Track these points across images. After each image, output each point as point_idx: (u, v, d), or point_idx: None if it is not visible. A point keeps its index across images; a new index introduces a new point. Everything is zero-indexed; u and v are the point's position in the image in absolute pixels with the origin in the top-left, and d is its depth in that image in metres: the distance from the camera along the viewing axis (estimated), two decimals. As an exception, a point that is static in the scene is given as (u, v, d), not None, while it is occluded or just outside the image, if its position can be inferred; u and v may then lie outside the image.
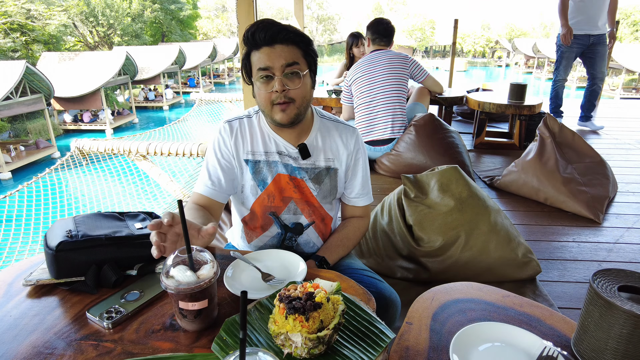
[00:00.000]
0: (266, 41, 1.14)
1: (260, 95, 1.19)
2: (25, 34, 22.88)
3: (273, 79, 1.15)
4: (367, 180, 1.40)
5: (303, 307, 0.72)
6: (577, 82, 30.13)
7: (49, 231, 1.05)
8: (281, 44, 1.14)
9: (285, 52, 1.14)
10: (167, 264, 0.84)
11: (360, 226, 1.42)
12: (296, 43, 1.17)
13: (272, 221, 1.32)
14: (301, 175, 1.29)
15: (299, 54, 1.17)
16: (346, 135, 1.33)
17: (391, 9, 60.11)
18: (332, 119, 1.36)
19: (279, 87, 1.14)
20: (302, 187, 1.30)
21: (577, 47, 4.50)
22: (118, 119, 20.62)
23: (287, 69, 1.15)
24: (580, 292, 1.90)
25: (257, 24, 1.15)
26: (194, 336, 0.84)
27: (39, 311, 0.91)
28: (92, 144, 4.00)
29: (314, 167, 1.30)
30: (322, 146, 1.30)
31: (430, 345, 0.82)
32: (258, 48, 1.15)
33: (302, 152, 1.27)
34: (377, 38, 3.21)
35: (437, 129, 2.98)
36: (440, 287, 1.00)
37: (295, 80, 1.16)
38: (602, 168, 2.88)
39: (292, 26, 1.17)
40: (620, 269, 0.80)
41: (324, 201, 1.33)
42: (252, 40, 1.15)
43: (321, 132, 1.31)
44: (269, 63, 1.14)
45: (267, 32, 1.13)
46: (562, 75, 4.73)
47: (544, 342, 0.78)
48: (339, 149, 1.32)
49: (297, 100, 1.18)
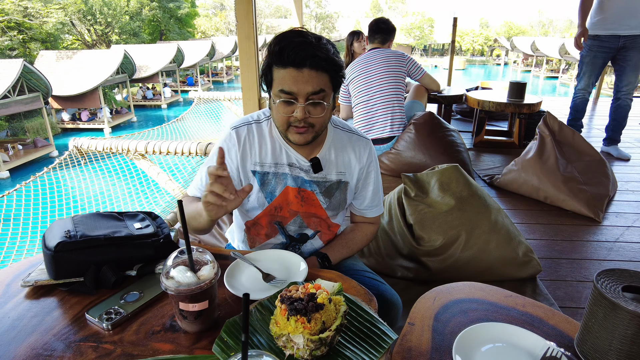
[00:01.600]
0: (295, 63, 1.04)
1: (277, 115, 1.11)
2: (23, 32, 22.79)
3: (295, 104, 1.07)
4: (377, 192, 1.36)
5: (305, 308, 0.72)
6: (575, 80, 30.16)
7: (48, 231, 1.04)
8: (310, 69, 1.04)
9: (312, 79, 1.05)
10: (167, 265, 0.83)
11: (368, 232, 1.38)
12: (325, 70, 1.07)
13: (277, 230, 1.30)
14: (312, 188, 1.24)
15: (326, 80, 1.08)
16: (359, 148, 1.27)
17: (390, 7, 60.06)
18: (346, 129, 1.29)
19: (301, 115, 1.06)
20: (312, 200, 1.25)
21: (602, 51, 3.62)
22: (116, 117, 20.59)
23: (312, 97, 1.06)
24: (580, 291, 1.90)
25: (288, 39, 1.05)
26: (194, 337, 0.83)
27: (37, 312, 0.90)
28: (90, 142, 3.99)
29: (325, 180, 1.25)
30: (334, 160, 1.25)
31: (433, 346, 0.81)
32: (284, 66, 1.05)
33: (315, 167, 1.21)
34: (374, 36, 3.21)
35: (437, 128, 2.97)
36: (442, 287, 1.00)
37: (317, 109, 1.09)
38: (602, 167, 2.88)
39: (325, 48, 1.07)
40: (623, 269, 0.79)
41: (332, 213, 1.30)
42: (278, 55, 1.05)
43: (334, 144, 1.25)
44: (294, 88, 1.05)
45: (298, 54, 1.03)
46: (583, 84, 3.84)
47: (547, 343, 0.78)
48: (351, 163, 1.26)
49: (317, 126, 1.11)
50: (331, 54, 1.07)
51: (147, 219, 1.17)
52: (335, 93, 1.14)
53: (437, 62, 44.83)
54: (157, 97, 24.68)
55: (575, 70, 9.78)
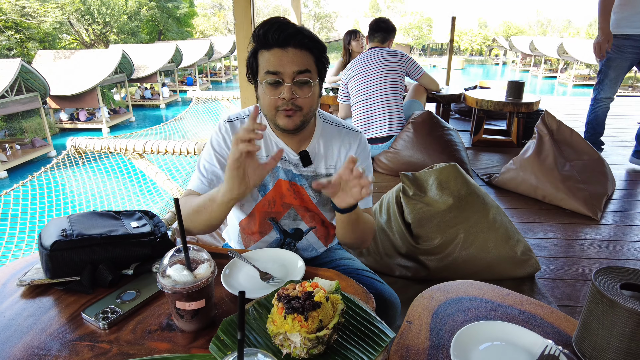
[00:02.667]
0: (279, 42, 1.06)
1: (265, 99, 1.12)
2: (20, 32, 22.72)
3: (281, 84, 1.08)
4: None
5: (302, 306, 0.71)
6: (573, 80, 30.24)
7: (44, 230, 1.04)
8: (294, 48, 1.07)
9: (297, 58, 1.07)
10: (164, 263, 0.82)
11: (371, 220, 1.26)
12: (310, 49, 1.09)
13: (270, 227, 1.28)
14: (301, 182, 1.24)
15: (311, 61, 1.10)
16: (349, 141, 1.27)
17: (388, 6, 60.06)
18: (336, 123, 1.29)
19: (288, 95, 1.07)
20: (302, 194, 1.25)
21: (632, 51, 3.13)
22: (114, 117, 20.54)
23: (298, 76, 1.08)
24: (578, 289, 1.90)
25: (271, 22, 1.08)
26: (191, 336, 0.83)
27: (33, 312, 0.90)
28: (88, 142, 3.97)
29: (315, 174, 1.24)
30: (323, 153, 1.25)
31: (431, 344, 0.81)
32: (269, 48, 1.08)
33: (304, 160, 1.22)
34: (374, 35, 3.21)
35: (435, 127, 2.97)
36: (440, 285, 1.00)
37: (305, 89, 1.09)
38: (600, 165, 2.88)
39: (308, 29, 1.10)
40: (621, 266, 0.79)
41: (323, 208, 1.29)
42: (262, 38, 1.08)
43: (323, 138, 1.25)
44: (280, 68, 1.07)
45: (282, 33, 1.06)
46: (607, 92, 3.32)
47: (545, 341, 0.77)
48: (340, 156, 1.26)
49: (305, 109, 1.11)
50: (314, 35, 1.11)
51: (144, 217, 1.16)
52: (320, 79, 1.16)
53: (436, 61, 44.84)
54: (155, 96, 24.63)
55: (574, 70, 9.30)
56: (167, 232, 1.12)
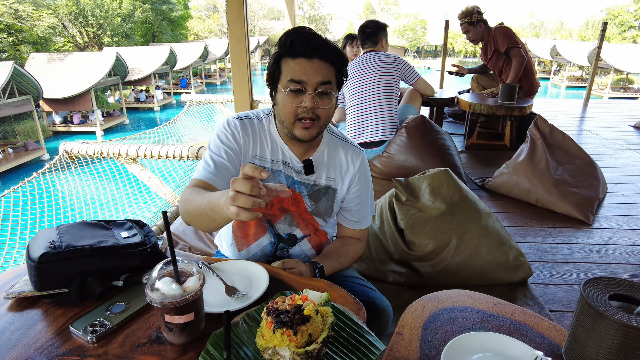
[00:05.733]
0: (306, 53, 1.10)
1: (285, 106, 1.13)
2: (13, 35, 22.57)
3: (304, 93, 1.11)
4: (365, 205, 1.35)
5: (291, 320, 0.71)
6: (566, 81, 30.49)
7: (32, 242, 1.03)
8: (320, 60, 1.11)
9: (322, 69, 1.11)
10: (153, 277, 0.82)
11: (359, 249, 1.37)
12: (333, 62, 1.13)
13: (264, 230, 1.28)
14: (300, 190, 1.25)
15: (332, 73, 1.14)
16: (352, 156, 1.30)
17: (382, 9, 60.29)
18: (341, 137, 1.32)
19: (310, 104, 1.10)
20: (299, 202, 1.26)
21: None
22: (108, 120, 20.45)
23: (321, 87, 1.11)
24: (571, 294, 1.90)
25: (299, 32, 1.11)
26: (180, 350, 0.82)
27: (20, 325, 0.89)
28: (80, 147, 3.95)
29: (315, 184, 1.26)
30: (326, 164, 1.27)
31: (421, 356, 0.80)
32: (294, 57, 1.11)
33: (307, 168, 1.24)
34: (364, 42, 3.22)
35: (428, 131, 2.98)
36: (431, 295, 0.99)
37: (325, 100, 1.13)
38: (592, 169, 2.90)
39: (333, 42, 1.13)
40: (610, 277, 0.79)
41: (318, 217, 1.30)
42: (290, 47, 1.11)
43: (328, 149, 1.28)
44: (304, 77, 1.10)
45: (310, 44, 1.09)
46: None
47: (535, 352, 0.77)
48: (342, 169, 1.29)
49: (322, 119, 1.15)
50: (339, 48, 1.15)
51: (134, 227, 1.15)
52: (337, 92, 1.18)
53: (430, 63, 45.02)
54: (149, 99, 24.55)
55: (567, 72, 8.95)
56: (158, 242, 1.11)
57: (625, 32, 42.62)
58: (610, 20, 41.45)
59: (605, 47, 23.41)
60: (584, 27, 52.53)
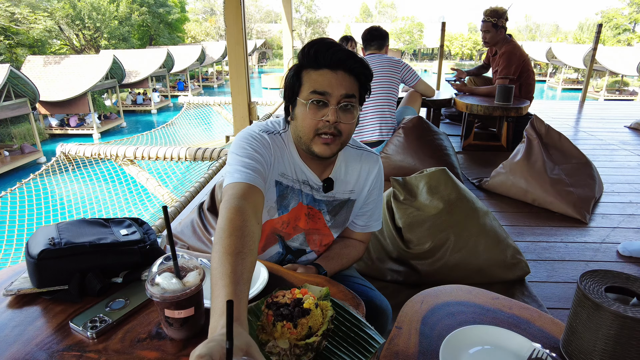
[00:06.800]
0: (331, 64, 1.04)
1: (305, 120, 1.06)
2: (9, 38, 22.52)
3: (327, 106, 1.04)
4: (377, 210, 1.33)
5: (291, 313, 0.71)
6: (562, 84, 30.67)
7: (31, 239, 1.03)
8: (344, 72, 1.05)
9: (346, 82, 1.05)
10: (153, 271, 0.82)
11: (360, 250, 1.35)
12: (357, 75, 1.07)
13: (275, 240, 1.24)
14: (319, 207, 1.22)
15: (356, 87, 1.07)
16: (369, 165, 1.25)
17: (379, 12, 60.51)
18: (356, 146, 1.26)
19: (333, 118, 1.03)
20: (318, 218, 1.23)
21: None
22: (105, 123, 20.39)
23: (344, 100, 1.04)
24: (568, 292, 1.91)
25: (322, 43, 1.06)
26: (180, 345, 0.82)
27: (19, 322, 0.89)
28: (78, 148, 3.94)
29: (334, 199, 1.22)
30: (344, 179, 1.22)
31: (420, 349, 0.81)
32: (317, 68, 1.05)
33: (327, 187, 1.19)
34: (369, 44, 3.25)
35: (426, 132, 2.99)
36: (430, 290, 1.00)
37: (348, 115, 1.06)
38: (588, 169, 2.92)
39: (358, 55, 1.08)
40: (607, 269, 0.80)
41: (335, 230, 1.28)
42: (313, 58, 1.05)
43: (345, 162, 1.22)
44: (328, 89, 1.03)
45: (335, 55, 1.04)
46: None
47: (533, 344, 0.78)
48: (360, 181, 1.24)
49: (344, 135, 1.08)
50: (365, 61, 1.09)
51: (133, 225, 1.16)
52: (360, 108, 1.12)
53: (427, 66, 45.15)
54: (146, 102, 24.52)
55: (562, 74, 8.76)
56: (157, 240, 1.11)
57: (620, 34, 42.96)
58: (605, 23, 41.79)
59: (600, 50, 23.61)
60: (580, 30, 52.92)
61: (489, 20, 3.92)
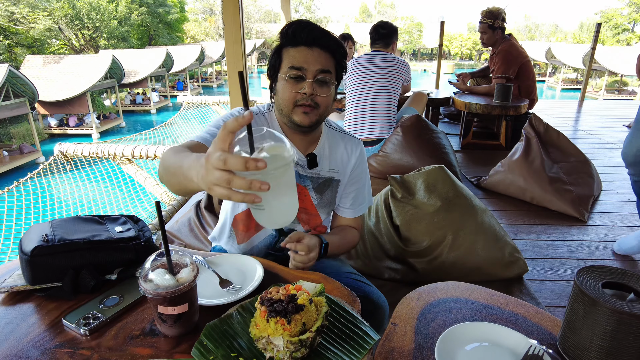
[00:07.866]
0: (306, 41, 1.13)
1: (284, 93, 1.14)
2: (8, 37, 22.49)
3: (303, 80, 1.13)
4: (361, 193, 1.38)
5: (285, 309, 0.71)
6: (561, 83, 30.67)
7: (25, 236, 1.02)
8: (319, 48, 1.13)
9: (322, 58, 1.13)
10: (146, 267, 0.81)
11: (355, 236, 1.39)
12: (333, 52, 1.15)
13: None
14: (305, 184, 1.27)
15: (332, 64, 1.16)
16: (351, 147, 1.32)
17: (379, 12, 60.50)
18: (338, 129, 1.35)
19: (309, 90, 1.11)
20: (305, 196, 1.27)
21: None
22: (104, 123, 20.36)
23: (320, 74, 1.13)
24: (566, 290, 1.91)
25: (300, 23, 1.14)
26: (174, 341, 0.82)
27: (12, 319, 0.88)
28: (76, 148, 3.93)
29: (318, 176, 1.28)
30: (328, 156, 1.29)
31: (416, 346, 0.80)
32: (295, 45, 1.14)
33: (311, 162, 1.24)
34: (376, 42, 3.24)
35: (424, 130, 2.99)
36: (426, 287, 1.00)
37: (324, 88, 1.14)
38: (586, 167, 2.92)
39: (333, 33, 1.16)
40: (604, 265, 0.80)
41: (322, 211, 1.32)
42: (291, 36, 1.13)
43: (329, 142, 1.30)
44: (304, 64, 1.12)
45: (310, 33, 1.12)
46: None
47: (529, 341, 0.78)
48: (343, 160, 1.31)
49: (321, 107, 1.15)
50: (339, 40, 1.17)
51: (128, 222, 1.15)
52: (336, 83, 1.19)
53: (426, 66, 45.16)
54: (146, 102, 24.49)
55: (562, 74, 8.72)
56: (152, 237, 1.10)
57: (619, 34, 42.98)
58: (605, 23, 41.81)
59: (600, 50, 23.60)
60: (579, 30, 52.93)
61: (485, 21, 3.95)
